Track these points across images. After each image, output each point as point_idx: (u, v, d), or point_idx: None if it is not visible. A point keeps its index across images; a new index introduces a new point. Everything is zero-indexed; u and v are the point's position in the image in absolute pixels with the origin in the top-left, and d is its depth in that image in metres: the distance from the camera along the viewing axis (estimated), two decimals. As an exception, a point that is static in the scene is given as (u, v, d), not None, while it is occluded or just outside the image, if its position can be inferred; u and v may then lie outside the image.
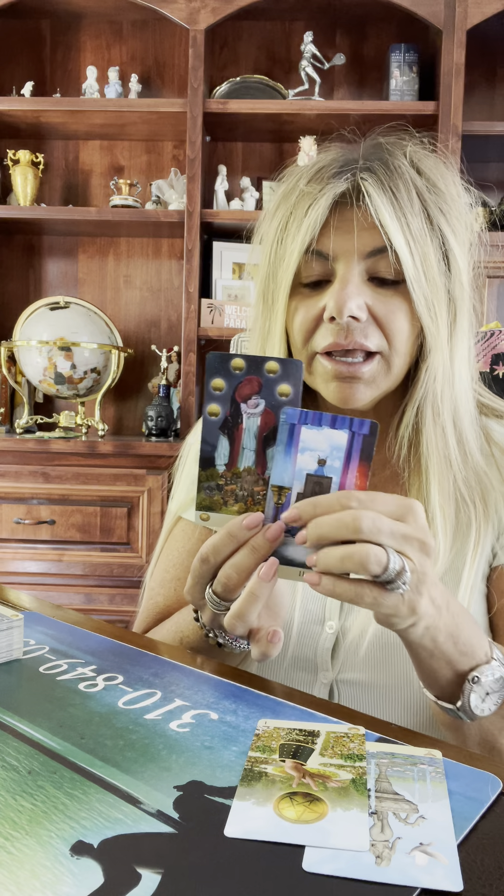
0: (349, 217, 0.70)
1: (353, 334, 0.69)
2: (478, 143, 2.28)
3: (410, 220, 0.69)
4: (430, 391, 0.73)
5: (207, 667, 0.61)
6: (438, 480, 0.73)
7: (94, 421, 2.30)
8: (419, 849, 0.36)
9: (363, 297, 0.69)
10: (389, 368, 0.72)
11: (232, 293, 2.41)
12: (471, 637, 0.58)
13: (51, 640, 0.65)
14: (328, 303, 0.69)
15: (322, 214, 0.69)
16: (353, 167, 0.71)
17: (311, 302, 0.72)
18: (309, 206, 0.70)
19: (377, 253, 0.69)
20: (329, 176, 0.70)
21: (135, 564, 2.06)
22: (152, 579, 0.86)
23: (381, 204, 0.68)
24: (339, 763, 0.44)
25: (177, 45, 2.52)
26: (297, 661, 0.75)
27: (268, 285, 0.75)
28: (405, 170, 0.70)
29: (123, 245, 2.58)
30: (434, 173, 0.72)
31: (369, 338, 0.70)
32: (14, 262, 2.60)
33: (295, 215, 0.71)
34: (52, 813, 0.39)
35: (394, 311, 0.70)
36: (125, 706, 0.52)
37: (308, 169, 0.73)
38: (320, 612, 0.76)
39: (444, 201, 0.71)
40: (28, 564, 2.08)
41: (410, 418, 0.74)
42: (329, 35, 2.48)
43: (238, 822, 0.38)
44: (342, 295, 0.68)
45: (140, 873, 0.34)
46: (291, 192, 0.73)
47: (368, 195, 0.68)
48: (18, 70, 2.54)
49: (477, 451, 0.75)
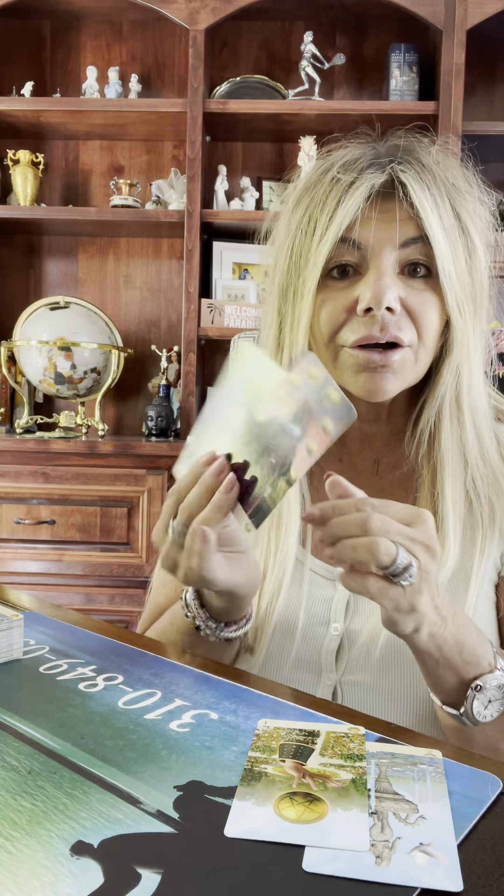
0: (384, 208, 0.69)
1: (388, 327, 0.68)
2: (478, 143, 2.28)
3: (443, 214, 0.69)
4: (452, 387, 0.73)
5: (207, 667, 0.61)
6: (453, 479, 0.73)
7: (94, 421, 2.30)
8: (419, 849, 0.36)
9: (398, 289, 0.69)
10: (416, 362, 0.71)
11: (232, 293, 2.41)
12: (475, 647, 0.60)
13: (51, 640, 0.65)
14: (364, 294, 0.68)
15: (360, 203, 0.68)
16: (386, 160, 0.71)
17: (340, 294, 0.71)
18: (342, 194, 0.69)
19: (411, 243, 0.69)
20: (363, 167, 0.70)
21: (135, 564, 2.06)
22: (156, 579, 0.86)
23: (422, 195, 0.68)
24: (339, 763, 0.44)
25: (177, 45, 2.52)
26: (301, 661, 0.75)
27: (289, 279, 0.73)
28: (433, 167, 0.71)
29: (123, 245, 2.57)
30: (457, 174, 0.73)
31: (403, 330, 0.69)
32: (14, 262, 2.60)
33: (325, 205, 0.70)
34: (52, 813, 0.39)
35: (425, 303, 0.70)
36: (125, 706, 0.52)
37: (333, 162, 0.73)
38: (325, 615, 0.75)
39: (467, 201, 0.72)
40: (28, 564, 2.08)
41: (431, 415, 0.74)
42: (329, 35, 2.48)
43: (238, 822, 0.38)
44: (380, 285, 0.67)
45: (140, 873, 0.34)
46: (317, 182, 0.72)
47: (410, 186, 0.68)
48: (18, 70, 2.54)
49: (494, 451, 0.75)
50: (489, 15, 2.16)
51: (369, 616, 0.74)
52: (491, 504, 0.74)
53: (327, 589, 0.76)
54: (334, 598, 0.76)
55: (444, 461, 0.73)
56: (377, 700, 0.73)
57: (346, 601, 0.75)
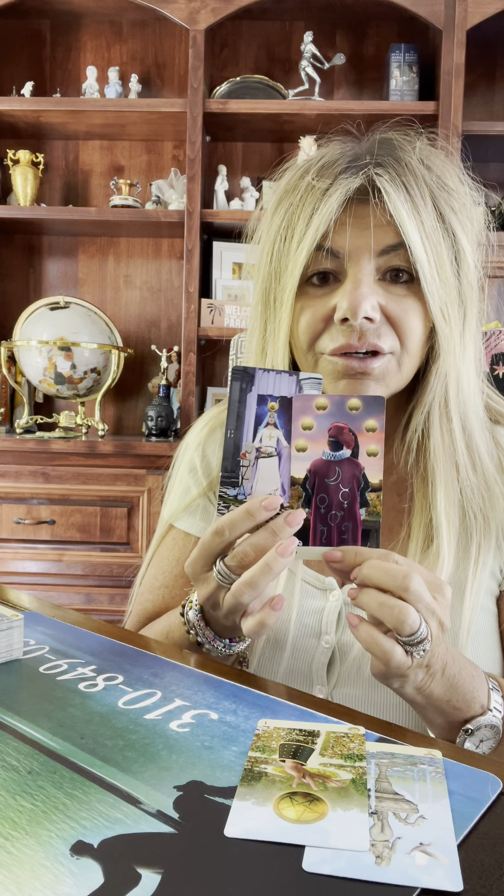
0: (360, 214, 0.67)
1: (367, 336, 0.67)
2: (478, 142, 2.28)
3: (424, 217, 0.67)
4: (440, 394, 0.71)
5: (207, 667, 0.61)
6: (445, 487, 0.71)
7: (94, 421, 2.30)
8: (419, 849, 0.36)
9: (376, 297, 0.67)
10: (399, 369, 0.70)
11: (232, 293, 2.41)
12: (467, 693, 0.59)
13: (51, 640, 0.65)
14: (340, 303, 0.66)
15: (334, 210, 0.66)
16: (363, 162, 0.68)
17: (318, 302, 0.69)
18: (318, 201, 0.67)
19: (390, 250, 0.67)
20: (339, 171, 0.68)
21: (135, 564, 2.05)
22: (142, 585, 0.85)
23: (397, 201, 0.65)
24: (339, 763, 0.44)
25: (177, 45, 2.52)
26: (292, 673, 0.74)
27: (270, 285, 0.72)
28: (416, 166, 0.68)
29: (123, 245, 2.57)
30: (443, 170, 0.70)
31: (382, 338, 0.67)
32: (14, 262, 2.60)
33: (302, 211, 0.68)
34: (52, 813, 0.39)
35: (407, 310, 0.68)
36: (125, 706, 0.52)
37: (311, 164, 0.70)
38: (316, 626, 0.74)
39: (454, 199, 0.69)
40: (28, 564, 2.08)
41: (420, 422, 0.72)
42: (329, 35, 2.48)
43: (238, 822, 0.38)
44: (356, 295, 0.65)
45: (140, 873, 0.34)
46: (294, 188, 0.70)
47: (385, 192, 0.66)
48: (18, 70, 2.54)
49: (487, 457, 0.73)
50: (489, 15, 2.16)
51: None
52: (484, 514, 0.72)
53: (319, 599, 0.75)
54: (325, 608, 0.74)
55: (435, 469, 0.71)
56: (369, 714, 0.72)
57: (337, 612, 0.74)
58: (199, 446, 0.85)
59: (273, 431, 0.57)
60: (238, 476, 0.58)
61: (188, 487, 0.85)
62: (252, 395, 0.57)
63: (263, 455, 0.57)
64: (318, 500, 0.58)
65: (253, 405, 0.57)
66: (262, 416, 0.57)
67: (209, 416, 0.88)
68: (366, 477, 0.57)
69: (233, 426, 0.57)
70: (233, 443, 0.57)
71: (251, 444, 0.57)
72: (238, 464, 0.57)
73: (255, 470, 0.57)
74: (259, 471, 0.57)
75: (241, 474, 0.58)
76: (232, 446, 0.57)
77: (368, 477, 0.57)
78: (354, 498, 0.57)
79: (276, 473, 0.57)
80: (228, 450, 0.57)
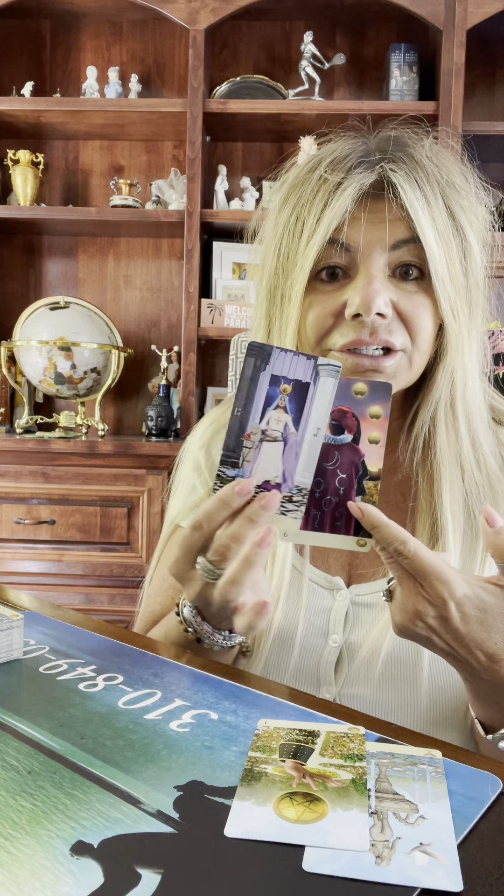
0: (374, 208, 0.67)
1: (379, 332, 0.66)
2: (478, 143, 2.28)
3: (436, 214, 0.66)
4: (447, 393, 0.71)
5: (207, 667, 0.61)
6: (451, 486, 0.70)
7: (94, 421, 2.30)
8: (419, 849, 0.36)
9: (389, 293, 0.66)
10: (410, 367, 0.69)
11: (232, 293, 2.41)
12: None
13: (51, 640, 0.65)
14: (352, 299, 0.66)
15: (348, 204, 0.66)
16: (376, 158, 0.68)
17: (328, 297, 0.68)
18: (330, 195, 0.66)
19: (402, 245, 0.66)
20: (351, 166, 0.67)
21: (135, 564, 2.06)
22: (150, 587, 0.84)
23: (412, 196, 0.65)
24: (339, 763, 0.44)
25: (177, 45, 2.52)
26: (300, 673, 0.73)
27: (277, 280, 0.71)
28: (427, 164, 0.68)
29: (123, 245, 2.57)
30: (451, 169, 0.70)
31: (394, 335, 0.67)
32: (14, 262, 2.60)
33: (313, 205, 0.67)
34: (52, 813, 0.39)
35: (417, 307, 0.67)
36: (125, 706, 0.52)
37: (321, 159, 0.70)
38: (324, 625, 0.74)
39: (462, 197, 0.69)
40: (28, 564, 2.08)
41: (425, 420, 0.72)
42: (329, 35, 2.48)
43: (238, 822, 0.38)
44: (369, 290, 0.65)
45: (140, 873, 0.34)
46: (304, 182, 0.69)
47: (400, 187, 0.65)
48: (18, 70, 2.54)
49: (490, 456, 0.73)
50: (489, 15, 2.16)
51: (370, 628, 0.72)
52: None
53: (326, 599, 0.75)
54: (333, 608, 0.74)
55: (440, 468, 0.71)
56: (376, 715, 0.71)
57: (345, 612, 0.73)
58: (204, 446, 0.85)
59: (282, 416, 0.55)
60: (239, 457, 0.55)
61: (194, 486, 0.84)
62: (266, 373, 0.55)
63: (268, 439, 0.55)
64: (314, 484, 0.56)
65: (265, 385, 0.55)
66: (273, 397, 0.55)
67: (212, 417, 0.88)
68: (365, 464, 0.56)
69: (241, 404, 0.55)
70: (238, 421, 0.55)
71: (257, 426, 0.55)
72: (241, 444, 0.55)
73: (257, 453, 0.55)
74: (262, 454, 0.55)
75: (242, 455, 0.55)
76: (237, 425, 0.55)
77: (368, 465, 0.56)
78: (351, 485, 0.56)
79: (280, 460, 0.55)
80: (233, 428, 0.55)
